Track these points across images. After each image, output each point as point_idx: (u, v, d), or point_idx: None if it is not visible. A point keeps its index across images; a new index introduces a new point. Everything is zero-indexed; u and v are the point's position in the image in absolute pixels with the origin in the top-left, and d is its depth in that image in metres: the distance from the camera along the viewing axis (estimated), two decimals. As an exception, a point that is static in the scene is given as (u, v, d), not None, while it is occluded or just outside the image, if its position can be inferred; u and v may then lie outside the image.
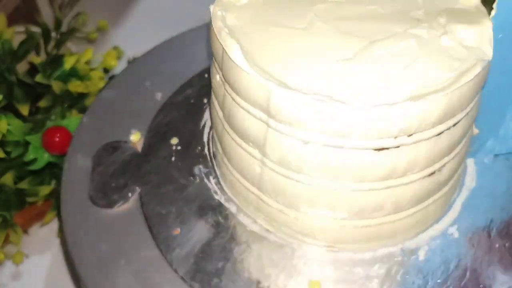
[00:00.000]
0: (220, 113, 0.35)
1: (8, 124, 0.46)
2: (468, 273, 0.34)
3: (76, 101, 0.52)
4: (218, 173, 0.39)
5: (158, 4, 0.81)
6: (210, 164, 0.40)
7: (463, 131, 0.33)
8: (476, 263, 0.34)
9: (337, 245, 0.35)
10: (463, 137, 0.33)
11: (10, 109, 0.49)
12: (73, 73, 0.52)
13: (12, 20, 0.58)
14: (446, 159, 0.33)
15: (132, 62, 0.51)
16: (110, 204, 0.38)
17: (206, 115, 0.43)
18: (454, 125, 0.31)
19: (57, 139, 0.45)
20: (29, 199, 0.50)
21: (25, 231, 0.54)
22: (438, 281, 0.33)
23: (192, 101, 0.45)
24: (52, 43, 0.56)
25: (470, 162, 0.40)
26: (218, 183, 0.39)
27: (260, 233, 0.36)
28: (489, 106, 0.35)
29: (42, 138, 0.46)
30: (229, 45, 0.31)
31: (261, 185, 0.34)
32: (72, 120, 0.47)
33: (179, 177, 0.39)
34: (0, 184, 0.48)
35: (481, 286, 0.33)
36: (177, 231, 0.36)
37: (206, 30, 0.35)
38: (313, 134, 0.29)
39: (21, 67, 0.54)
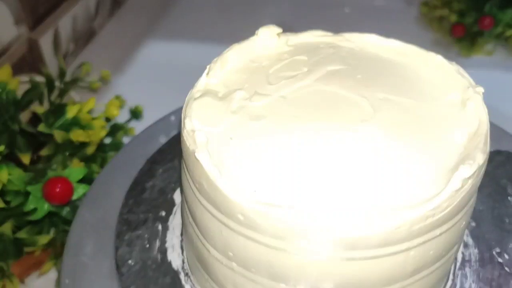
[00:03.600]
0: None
1: (9, 174, 0.46)
2: None
3: (78, 150, 0.52)
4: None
5: (160, 54, 0.83)
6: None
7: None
8: None
9: None
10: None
11: (11, 158, 0.49)
12: (75, 122, 0.52)
13: (17, 69, 0.59)
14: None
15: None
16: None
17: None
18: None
19: (58, 190, 0.45)
20: (27, 249, 0.49)
21: (22, 281, 0.53)
22: None
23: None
24: (55, 93, 0.57)
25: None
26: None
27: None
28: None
29: (43, 189, 0.46)
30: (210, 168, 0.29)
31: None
32: (74, 170, 0.47)
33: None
34: (-1, 234, 0.48)
35: None
36: None
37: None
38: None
39: (24, 116, 0.55)
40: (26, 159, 0.50)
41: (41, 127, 0.51)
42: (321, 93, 0.33)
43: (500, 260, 0.37)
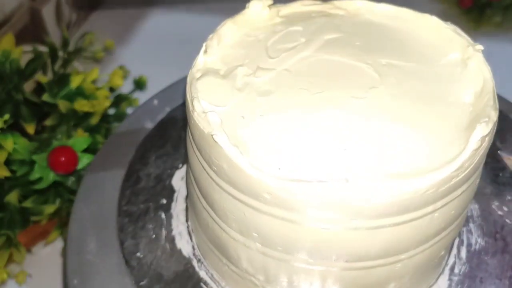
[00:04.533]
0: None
1: (14, 143, 0.46)
2: None
3: (82, 120, 0.52)
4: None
5: (164, 24, 0.82)
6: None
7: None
8: None
9: None
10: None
11: (16, 127, 0.49)
12: (79, 92, 0.52)
13: (20, 39, 0.59)
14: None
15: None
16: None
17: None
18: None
19: (63, 159, 0.45)
20: (33, 218, 0.50)
21: (29, 250, 0.54)
22: None
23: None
24: (59, 62, 0.57)
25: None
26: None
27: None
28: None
29: (48, 158, 0.46)
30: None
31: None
32: (78, 140, 0.47)
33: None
34: (5, 203, 0.48)
35: None
36: None
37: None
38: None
39: (28, 86, 0.54)
40: (30, 128, 0.50)
41: (45, 97, 0.50)
42: (324, 63, 0.33)
43: (500, 213, 0.38)
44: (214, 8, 0.82)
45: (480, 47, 0.33)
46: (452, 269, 0.36)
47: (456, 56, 0.34)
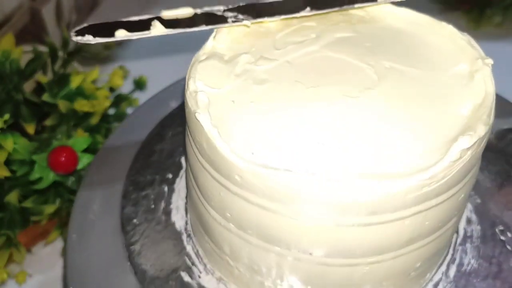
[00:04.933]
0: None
1: (14, 143, 0.46)
2: None
3: (82, 120, 0.52)
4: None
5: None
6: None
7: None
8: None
9: None
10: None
11: (16, 127, 0.49)
12: (79, 92, 0.52)
13: (20, 39, 0.59)
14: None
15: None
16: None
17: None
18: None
19: (63, 159, 0.46)
20: (33, 218, 0.50)
21: (29, 250, 0.54)
22: None
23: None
24: (59, 62, 0.57)
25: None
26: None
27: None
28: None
29: (48, 158, 0.46)
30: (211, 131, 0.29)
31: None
32: (78, 140, 0.47)
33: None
34: (5, 203, 0.48)
35: None
36: None
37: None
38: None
39: (28, 86, 0.54)
40: (30, 128, 0.50)
41: (45, 97, 0.50)
42: (327, 60, 0.33)
43: (502, 237, 0.37)
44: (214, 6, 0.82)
45: (490, 61, 0.33)
46: (436, 285, 0.35)
47: (465, 67, 0.33)
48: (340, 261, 0.30)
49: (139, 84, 0.63)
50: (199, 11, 0.34)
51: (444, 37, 0.35)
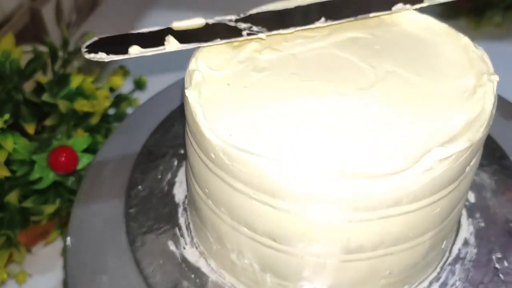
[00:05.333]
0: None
1: (14, 143, 0.46)
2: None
3: (82, 120, 0.52)
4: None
5: (163, 24, 0.82)
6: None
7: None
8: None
9: None
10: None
11: (16, 127, 0.49)
12: (79, 92, 0.52)
13: (20, 39, 0.59)
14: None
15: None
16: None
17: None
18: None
19: (63, 159, 0.46)
20: (33, 218, 0.50)
21: (29, 250, 0.54)
22: None
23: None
24: (59, 62, 0.57)
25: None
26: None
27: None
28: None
29: (48, 158, 0.46)
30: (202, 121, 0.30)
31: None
32: (78, 140, 0.48)
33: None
34: (5, 203, 0.48)
35: None
36: None
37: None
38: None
39: (28, 86, 0.54)
40: (30, 128, 0.50)
41: (45, 97, 0.50)
42: (331, 57, 0.33)
43: (497, 265, 0.35)
44: (214, 7, 0.82)
45: (495, 77, 0.32)
46: None
47: (470, 81, 0.32)
48: (286, 248, 0.30)
49: (139, 84, 0.63)
50: (210, 21, 0.34)
51: (457, 47, 0.34)
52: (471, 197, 0.39)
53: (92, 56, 0.31)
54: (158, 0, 0.88)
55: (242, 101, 0.31)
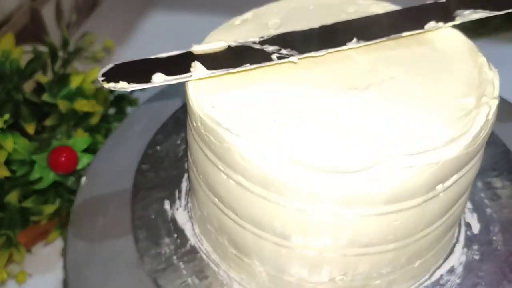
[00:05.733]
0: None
1: (14, 143, 0.46)
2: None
3: (82, 120, 0.52)
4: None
5: (164, 24, 0.82)
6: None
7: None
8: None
9: None
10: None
11: (16, 127, 0.49)
12: (79, 92, 0.52)
13: (20, 39, 0.59)
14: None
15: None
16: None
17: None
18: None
19: (63, 159, 0.46)
20: (33, 218, 0.50)
21: (29, 250, 0.54)
22: None
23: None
24: (59, 62, 0.57)
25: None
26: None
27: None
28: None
29: (48, 158, 0.46)
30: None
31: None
32: (78, 140, 0.48)
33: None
34: (5, 203, 0.48)
35: None
36: None
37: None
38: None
39: (28, 86, 0.54)
40: (30, 128, 0.50)
41: (45, 97, 0.50)
42: (343, 57, 0.33)
43: None
44: (214, 8, 0.82)
45: (494, 101, 0.30)
46: None
47: (471, 101, 0.31)
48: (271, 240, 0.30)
49: (139, 84, 0.63)
50: (233, 44, 0.32)
51: (473, 67, 0.33)
52: (475, 228, 0.37)
53: (112, 85, 0.29)
54: (158, 0, 0.88)
55: (238, 82, 0.31)
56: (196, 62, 0.31)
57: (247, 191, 0.29)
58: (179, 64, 0.31)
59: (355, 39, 0.33)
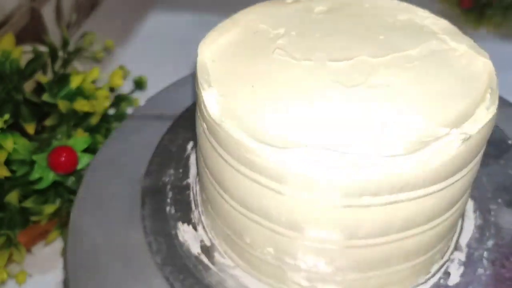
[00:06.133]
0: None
1: (14, 143, 0.46)
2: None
3: (82, 120, 0.52)
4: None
5: (164, 24, 0.82)
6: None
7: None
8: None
9: None
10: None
11: (16, 127, 0.49)
12: (79, 92, 0.52)
13: (20, 39, 0.59)
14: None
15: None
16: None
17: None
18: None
19: (63, 159, 0.46)
20: (33, 218, 0.50)
21: (29, 250, 0.54)
22: None
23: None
24: (59, 62, 0.57)
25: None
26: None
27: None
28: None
29: (48, 158, 0.46)
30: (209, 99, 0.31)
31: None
32: (78, 140, 0.47)
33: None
34: (5, 203, 0.48)
35: None
36: None
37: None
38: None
39: (28, 86, 0.54)
40: (30, 128, 0.50)
41: (45, 97, 0.50)
42: (343, 47, 0.34)
43: None
44: (214, 8, 0.82)
45: (492, 110, 0.30)
46: None
47: (469, 109, 0.30)
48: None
49: (139, 84, 0.63)
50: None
51: (475, 72, 0.33)
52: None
53: None
54: (158, 0, 0.88)
55: (240, 63, 0.33)
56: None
57: (259, 185, 0.29)
58: None
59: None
